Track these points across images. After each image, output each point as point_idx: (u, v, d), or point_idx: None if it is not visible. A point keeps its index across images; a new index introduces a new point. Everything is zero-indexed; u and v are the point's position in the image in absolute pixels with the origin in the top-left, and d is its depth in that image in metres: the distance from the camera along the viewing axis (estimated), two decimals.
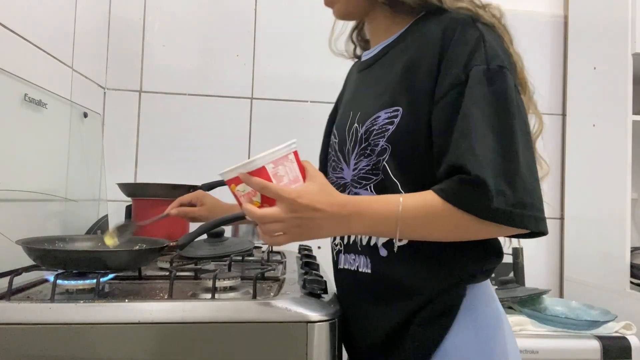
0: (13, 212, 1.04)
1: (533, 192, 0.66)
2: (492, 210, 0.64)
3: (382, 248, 0.76)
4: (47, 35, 1.22)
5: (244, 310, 0.75)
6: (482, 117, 0.66)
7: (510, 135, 0.66)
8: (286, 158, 0.71)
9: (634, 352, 1.26)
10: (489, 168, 0.64)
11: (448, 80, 0.69)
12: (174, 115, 1.69)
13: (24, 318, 0.70)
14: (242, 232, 1.51)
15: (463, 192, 0.65)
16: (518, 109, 0.68)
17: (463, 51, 0.69)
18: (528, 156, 0.68)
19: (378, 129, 0.75)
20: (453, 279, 0.73)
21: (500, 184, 0.64)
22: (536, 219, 0.66)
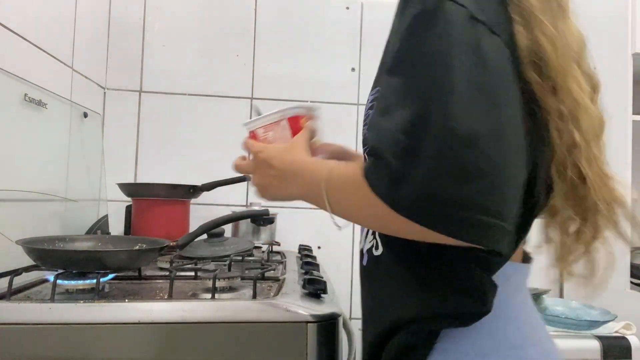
0: (13, 212, 1.04)
1: (476, 181, 0.44)
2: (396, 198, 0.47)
3: (365, 254, 0.67)
4: (47, 35, 1.22)
5: (244, 310, 0.75)
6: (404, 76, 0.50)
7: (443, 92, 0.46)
8: (277, 124, 0.73)
9: (634, 352, 1.26)
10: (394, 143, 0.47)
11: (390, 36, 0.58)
12: (174, 115, 1.68)
13: (24, 318, 0.70)
14: (242, 232, 1.51)
15: (372, 168, 0.50)
16: (473, 52, 0.47)
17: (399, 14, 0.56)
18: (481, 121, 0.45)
19: (365, 116, 0.62)
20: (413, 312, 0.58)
21: (408, 164, 0.46)
22: (475, 227, 0.44)
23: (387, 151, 0.47)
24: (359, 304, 0.78)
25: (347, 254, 1.71)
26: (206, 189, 1.49)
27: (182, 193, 1.45)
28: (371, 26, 1.76)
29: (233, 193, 1.65)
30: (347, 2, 1.75)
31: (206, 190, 1.49)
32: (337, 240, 1.71)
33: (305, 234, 1.68)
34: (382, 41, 0.72)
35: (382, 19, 1.86)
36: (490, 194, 0.44)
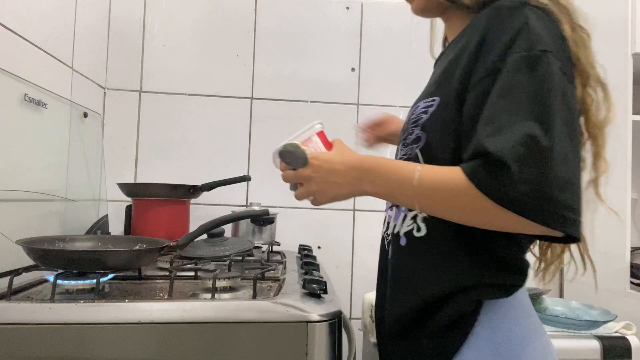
0: (13, 212, 1.04)
1: (565, 188, 0.59)
2: (512, 198, 0.59)
3: (403, 237, 0.76)
4: (47, 35, 1.22)
5: (244, 310, 0.75)
6: (515, 103, 0.62)
7: (547, 121, 0.60)
8: (309, 140, 0.77)
9: (634, 352, 1.26)
10: (515, 152, 0.59)
11: (484, 67, 0.66)
12: (174, 115, 1.69)
13: (24, 318, 0.70)
14: (242, 232, 1.51)
15: (484, 172, 0.61)
16: (562, 96, 0.63)
17: (503, 38, 0.66)
18: (567, 148, 0.61)
19: (415, 118, 0.75)
20: (462, 282, 0.69)
21: (525, 171, 0.58)
22: (564, 218, 0.59)
23: (509, 159, 0.59)
24: (359, 304, 0.78)
25: (347, 254, 1.71)
26: (206, 189, 1.49)
27: (182, 193, 1.45)
28: (371, 26, 1.76)
29: (233, 193, 1.65)
30: (347, 2, 1.75)
31: (206, 190, 1.49)
32: (337, 240, 1.71)
33: (305, 234, 1.68)
34: (382, 41, 0.73)
35: (382, 19, 1.87)
36: (578, 198, 0.61)
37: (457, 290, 0.70)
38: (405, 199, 0.69)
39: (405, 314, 0.74)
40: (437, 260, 0.71)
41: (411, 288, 0.74)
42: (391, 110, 1.68)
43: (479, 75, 0.67)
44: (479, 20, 0.71)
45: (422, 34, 0.98)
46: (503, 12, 0.68)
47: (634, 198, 1.71)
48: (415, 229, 0.74)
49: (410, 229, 0.75)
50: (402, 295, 0.75)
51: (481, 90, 0.66)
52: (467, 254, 0.70)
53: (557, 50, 0.65)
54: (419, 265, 0.73)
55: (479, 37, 0.69)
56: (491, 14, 0.69)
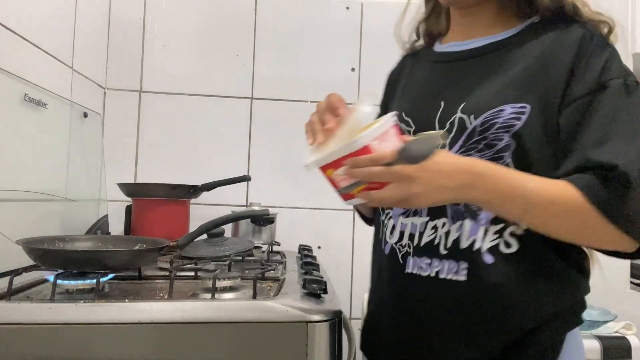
0: (13, 212, 1.04)
1: None
2: (625, 215, 0.62)
3: (487, 254, 0.70)
4: (47, 35, 1.22)
5: (244, 310, 0.75)
6: (629, 122, 0.66)
7: None
8: (387, 132, 0.66)
9: (634, 352, 1.26)
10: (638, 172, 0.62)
11: (583, 85, 0.69)
12: (174, 115, 1.68)
13: (24, 318, 0.70)
14: (242, 232, 1.51)
15: (602, 188, 0.62)
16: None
17: (599, 61, 0.70)
18: None
19: (502, 123, 0.70)
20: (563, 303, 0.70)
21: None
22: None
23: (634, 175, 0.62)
24: (359, 304, 0.78)
25: (347, 254, 1.71)
26: (206, 189, 1.49)
27: (182, 193, 1.45)
28: (371, 26, 1.75)
29: (233, 193, 1.65)
30: (347, 2, 1.75)
31: (206, 190, 1.49)
32: (337, 240, 1.71)
33: (305, 234, 1.68)
34: (382, 41, 0.73)
35: (382, 19, 1.87)
36: None
37: (557, 313, 0.69)
38: (514, 211, 0.66)
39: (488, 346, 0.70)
40: (539, 280, 0.69)
41: (503, 314, 0.69)
42: None
43: (579, 92, 0.69)
44: (566, 37, 0.73)
45: None
46: (597, 38, 0.72)
47: None
48: (502, 244, 0.70)
49: (496, 244, 0.70)
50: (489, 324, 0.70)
51: (583, 105, 0.68)
52: (565, 271, 0.70)
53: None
54: (517, 287, 0.69)
55: (573, 55, 0.71)
56: (584, 35, 0.72)
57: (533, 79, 0.72)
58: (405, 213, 0.79)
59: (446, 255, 0.72)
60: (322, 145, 0.68)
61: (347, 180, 0.65)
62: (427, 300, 0.74)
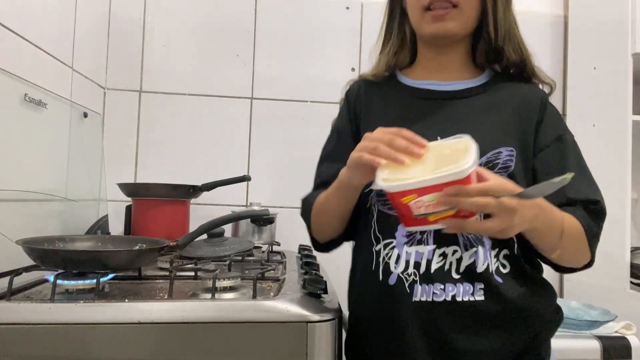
0: (13, 212, 1.04)
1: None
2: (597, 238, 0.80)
3: (496, 275, 0.79)
4: (47, 35, 1.22)
5: (244, 310, 0.75)
6: (584, 166, 0.86)
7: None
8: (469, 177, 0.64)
9: (634, 352, 1.26)
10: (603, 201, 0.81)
11: (549, 136, 0.85)
12: (174, 115, 1.68)
13: (24, 318, 0.70)
14: (242, 232, 1.51)
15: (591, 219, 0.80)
16: None
17: (555, 119, 0.88)
18: None
19: (502, 164, 0.81)
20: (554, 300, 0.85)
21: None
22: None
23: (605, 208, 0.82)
24: None
25: (347, 254, 1.70)
26: (206, 189, 1.49)
27: (182, 193, 1.45)
28: (371, 26, 1.75)
29: (233, 193, 1.65)
30: (347, 2, 1.75)
31: (206, 190, 1.49)
32: None
33: (305, 234, 1.67)
34: None
35: (382, 19, 1.86)
36: None
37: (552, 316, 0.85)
38: (554, 238, 0.76)
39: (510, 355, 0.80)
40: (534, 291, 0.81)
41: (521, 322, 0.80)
42: None
43: (547, 141, 0.85)
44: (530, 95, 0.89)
45: None
46: (549, 101, 0.90)
47: (634, 198, 1.71)
48: (500, 266, 0.80)
49: (497, 266, 0.80)
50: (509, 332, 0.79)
51: (553, 150, 0.84)
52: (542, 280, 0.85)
53: None
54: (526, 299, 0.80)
55: (538, 112, 0.87)
56: (544, 98, 0.89)
57: (514, 127, 0.84)
58: (409, 242, 0.80)
59: (459, 279, 0.78)
60: (401, 169, 0.66)
61: (434, 207, 0.65)
62: (452, 323, 0.77)
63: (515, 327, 0.79)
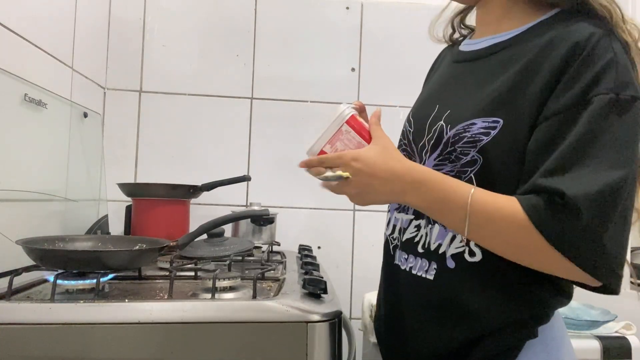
0: (13, 212, 1.04)
1: (620, 244, 0.59)
2: (571, 243, 0.58)
3: (450, 259, 0.70)
4: (47, 35, 1.22)
5: (244, 310, 0.75)
6: (600, 150, 0.59)
7: (621, 177, 0.58)
8: (340, 132, 0.71)
9: (634, 352, 1.26)
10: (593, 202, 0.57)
11: (565, 99, 0.62)
12: (174, 115, 1.68)
13: (24, 318, 0.70)
14: (242, 232, 1.51)
15: (548, 212, 0.59)
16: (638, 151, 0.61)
17: (590, 72, 0.61)
18: (627, 206, 0.60)
19: (470, 137, 0.68)
20: (520, 315, 0.67)
21: (595, 222, 0.57)
22: (613, 274, 0.60)
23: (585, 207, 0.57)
24: (359, 304, 0.78)
25: (347, 254, 1.71)
26: (206, 189, 1.49)
27: (182, 193, 1.45)
28: (371, 26, 1.76)
29: (233, 193, 1.65)
30: (347, 2, 1.75)
31: (206, 190, 1.49)
32: (337, 240, 1.71)
33: (305, 234, 1.68)
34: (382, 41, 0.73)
35: (382, 19, 1.87)
36: (625, 254, 0.61)
37: (515, 323, 0.67)
38: (454, 221, 0.65)
39: (447, 344, 0.71)
40: (494, 291, 0.68)
41: (460, 319, 0.70)
42: (391, 110, 1.68)
43: (558, 107, 0.62)
44: (558, 41, 0.65)
45: (422, 33, 0.98)
46: (591, 41, 0.62)
47: None
48: (467, 252, 0.69)
49: (461, 251, 0.70)
50: (448, 325, 0.71)
51: (559, 122, 0.62)
52: (525, 285, 0.67)
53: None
54: (473, 295, 0.68)
55: (561, 63, 0.63)
56: (578, 41, 0.63)
57: (513, 92, 0.67)
58: (398, 208, 0.82)
59: (422, 254, 0.75)
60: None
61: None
62: (403, 293, 0.78)
63: (448, 320, 0.71)
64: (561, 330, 0.74)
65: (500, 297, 0.67)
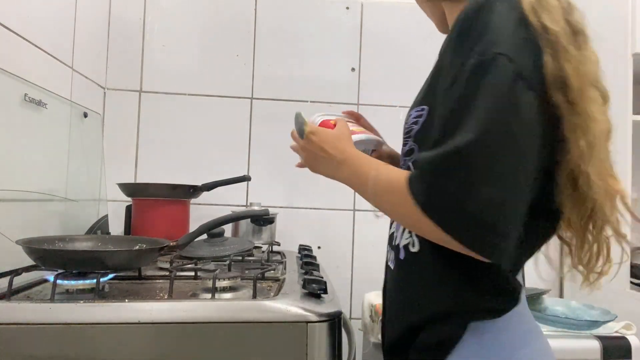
0: (13, 212, 1.04)
1: (490, 207, 0.55)
2: (435, 210, 0.58)
3: (402, 250, 0.72)
4: (47, 35, 1.22)
5: (244, 310, 0.75)
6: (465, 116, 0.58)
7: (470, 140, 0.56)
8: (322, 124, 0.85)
9: (634, 352, 1.26)
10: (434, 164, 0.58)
11: (451, 75, 0.62)
12: (174, 115, 1.69)
13: (24, 318, 0.70)
14: (242, 232, 1.51)
15: (416, 179, 0.60)
16: (510, 106, 0.57)
17: (469, 41, 0.61)
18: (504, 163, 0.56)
19: (407, 128, 0.72)
20: (454, 306, 0.66)
21: (445, 183, 0.57)
22: (485, 240, 0.56)
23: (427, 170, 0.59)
24: (359, 304, 0.78)
25: (347, 254, 1.71)
26: (206, 189, 1.49)
27: (182, 193, 1.45)
28: (371, 26, 1.76)
29: (233, 193, 1.65)
30: (347, 2, 1.75)
31: (206, 190, 1.49)
32: (337, 240, 1.71)
33: (305, 234, 1.68)
34: (382, 41, 0.73)
35: (382, 19, 1.87)
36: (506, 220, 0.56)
37: (447, 314, 0.67)
38: (369, 197, 0.70)
39: (396, 331, 0.72)
40: (430, 281, 0.68)
41: (405, 306, 0.72)
42: (391, 110, 1.68)
43: (445, 85, 0.63)
44: (457, 19, 0.65)
45: (422, 33, 0.98)
46: (476, 8, 0.62)
47: (634, 198, 1.71)
48: (411, 243, 0.70)
49: (408, 242, 0.71)
50: (397, 311, 0.74)
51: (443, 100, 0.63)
52: (460, 276, 0.65)
53: (517, 51, 0.58)
54: (413, 285, 0.70)
55: (455, 40, 0.64)
56: (467, 10, 0.63)
57: (432, 79, 0.69)
58: None
59: (391, 246, 0.78)
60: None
61: None
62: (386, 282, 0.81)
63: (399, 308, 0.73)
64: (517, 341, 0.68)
65: (437, 287, 0.67)
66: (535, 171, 0.59)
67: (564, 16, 0.62)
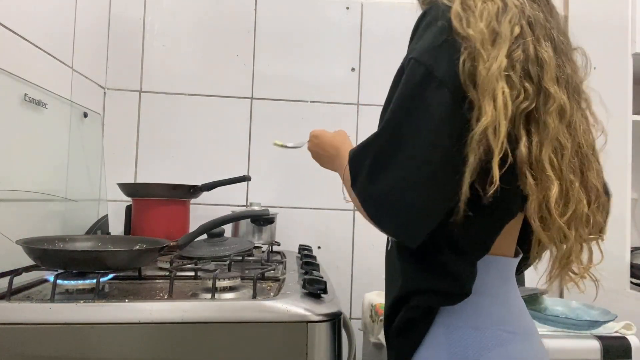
0: (13, 212, 1.04)
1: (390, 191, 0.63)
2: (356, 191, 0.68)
3: (389, 241, 0.79)
4: (47, 35, 1.22)
5: (244, 310, 0.75)
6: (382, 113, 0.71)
7: (377, 134, 0.67)
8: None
9: (634, 352, 1.26)
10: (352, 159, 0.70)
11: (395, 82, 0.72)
12: (174, 115, 1.69)
13: (24, 318, 0.70)
14: (242, 232, 1.51)
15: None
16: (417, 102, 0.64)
17: (410, 46, 0.71)
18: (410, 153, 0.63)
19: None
20: (407, 289, 0.71)
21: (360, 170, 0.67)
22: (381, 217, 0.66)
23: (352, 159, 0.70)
24: (359, 304, 0.78)
25: (347, 254, 1.71)
26: (206, 189, 1.49)
27: (182, 193, 1.45)
28: (371, 26, 1.76)
29: (233, 193, 1.65)
30: (347, 2, 1.75)
31: (206, 190, 1.49)
32: (337, 240, 1.71)
33: (305, 234, 1.68)
34: (382, 41, 0.74)
35: (382, 19, 1.87)
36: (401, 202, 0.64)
37: (405, 297, 0.71)
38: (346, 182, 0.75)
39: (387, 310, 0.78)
40: (394, 267, 0.74)
41: (387, 288, 0.79)
42: None
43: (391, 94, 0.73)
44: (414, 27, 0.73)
45: None
46: (420, 16, 0.72)
47: (634, 198, 1.71)
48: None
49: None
50: (386, 292, 0.80)
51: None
52: (414, 262, 0.70)
53: (430, 55, 0.64)
54: (388, 271, 0.79)
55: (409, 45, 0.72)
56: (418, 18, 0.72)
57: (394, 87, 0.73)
58: None
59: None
60: None
61: None
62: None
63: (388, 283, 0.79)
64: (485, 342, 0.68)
65: (397, 272, 0.73)
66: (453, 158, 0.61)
67: (488, 20, 0.65)
